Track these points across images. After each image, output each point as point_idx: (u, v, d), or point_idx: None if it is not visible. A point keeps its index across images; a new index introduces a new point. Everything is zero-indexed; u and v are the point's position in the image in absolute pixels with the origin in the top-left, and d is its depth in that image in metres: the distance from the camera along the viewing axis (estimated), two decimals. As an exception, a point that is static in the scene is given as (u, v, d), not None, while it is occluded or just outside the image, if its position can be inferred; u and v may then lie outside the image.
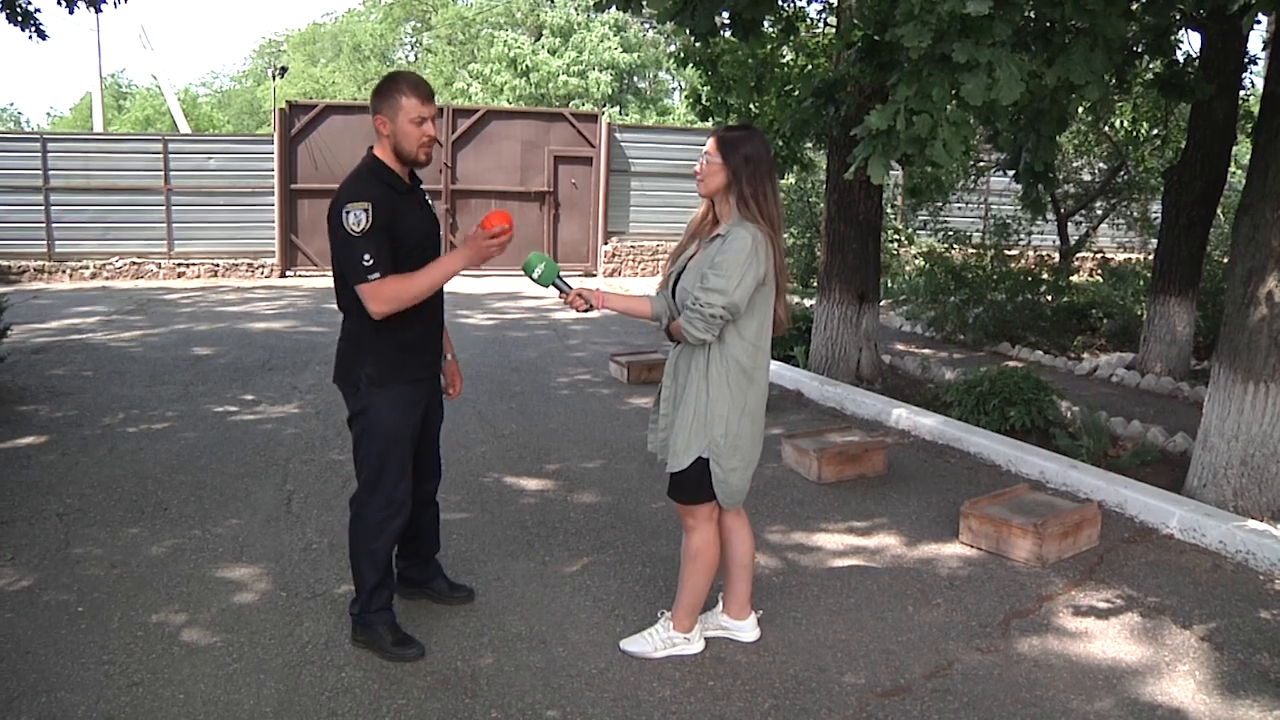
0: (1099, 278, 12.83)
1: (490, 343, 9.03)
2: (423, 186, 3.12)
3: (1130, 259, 14.01)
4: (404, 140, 2.89)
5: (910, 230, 14.20)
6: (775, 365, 7.44)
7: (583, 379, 7.49)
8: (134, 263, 14.29)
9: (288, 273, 14.57)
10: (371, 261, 2.78)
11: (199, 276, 14.47)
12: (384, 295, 2.81)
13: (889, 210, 14.27)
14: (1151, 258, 8.79)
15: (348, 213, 2.78)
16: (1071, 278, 11.00)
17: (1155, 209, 12.04)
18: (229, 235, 14.53)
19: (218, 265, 14.52)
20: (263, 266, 14.56)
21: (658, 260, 15.51)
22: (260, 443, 5.51)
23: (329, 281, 3.32)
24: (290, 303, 11.81)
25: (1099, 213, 12.97)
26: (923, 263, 11.12)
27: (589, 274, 15.47)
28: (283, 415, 6.17)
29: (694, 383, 2.86)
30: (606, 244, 15.43)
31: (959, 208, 13.99)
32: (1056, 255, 11.83)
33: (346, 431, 5.67)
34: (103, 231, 14.17)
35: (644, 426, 5.76)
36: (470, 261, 2.88)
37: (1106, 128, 11.72)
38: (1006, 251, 10.62)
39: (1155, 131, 11.00)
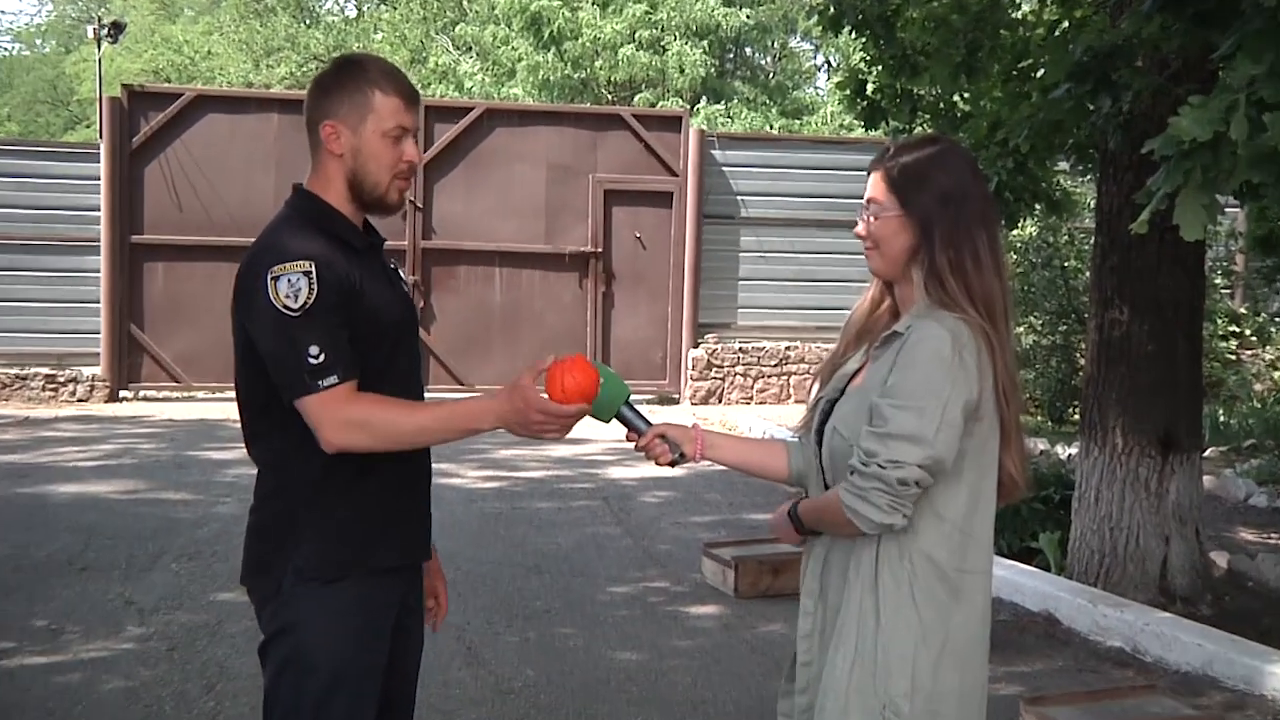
0: None
1: (494, 520, 9.13)
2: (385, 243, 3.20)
3: None
4: (370, 164, 2.96)
5: (1260, 318, 14.05)
6: (1002, 568, 7.34)
7: (656, 587, 7.52)
8: None
9: (123, 393, 14.99)
10: (322, 358, 2.78)
11: (-51, 397, 15.01)
12: (347, 416, 2.81)
13: (1217, 283, 14.18)
14: None
15: (275, 279, 2.79)
16: None
17: None
18: (11, 324, 14.99)
19: (-14, 378, 15.04)
20: (75, 380, 15.01)
21: (789, 376, 15.68)
22: (59, 709, 5.52)
23: (213, 409, 3.34)
24: (127, 447, 12.10)
25: None
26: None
27: (667, 398, 15.71)
28: (105, 656, 6.20)
29: (854, 601, 2.81)
30: (697, 346, 15.66)
31: (1351, 277, 13.86)
32: None
33: (221, 683, 5.72)
34: None
35: (764, 679, 5.72)
36: (505, 424, 2.84)
37: None
38: None
39: None
